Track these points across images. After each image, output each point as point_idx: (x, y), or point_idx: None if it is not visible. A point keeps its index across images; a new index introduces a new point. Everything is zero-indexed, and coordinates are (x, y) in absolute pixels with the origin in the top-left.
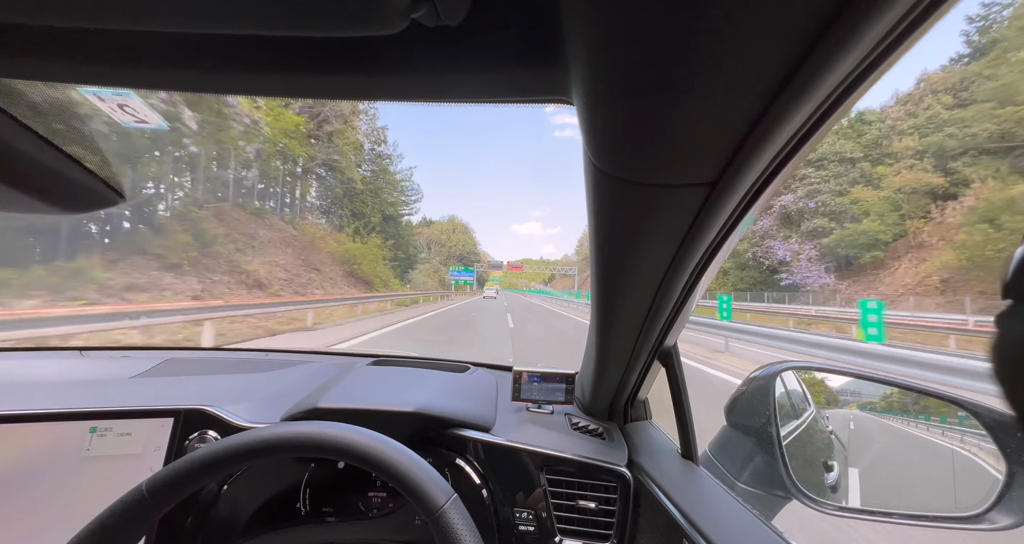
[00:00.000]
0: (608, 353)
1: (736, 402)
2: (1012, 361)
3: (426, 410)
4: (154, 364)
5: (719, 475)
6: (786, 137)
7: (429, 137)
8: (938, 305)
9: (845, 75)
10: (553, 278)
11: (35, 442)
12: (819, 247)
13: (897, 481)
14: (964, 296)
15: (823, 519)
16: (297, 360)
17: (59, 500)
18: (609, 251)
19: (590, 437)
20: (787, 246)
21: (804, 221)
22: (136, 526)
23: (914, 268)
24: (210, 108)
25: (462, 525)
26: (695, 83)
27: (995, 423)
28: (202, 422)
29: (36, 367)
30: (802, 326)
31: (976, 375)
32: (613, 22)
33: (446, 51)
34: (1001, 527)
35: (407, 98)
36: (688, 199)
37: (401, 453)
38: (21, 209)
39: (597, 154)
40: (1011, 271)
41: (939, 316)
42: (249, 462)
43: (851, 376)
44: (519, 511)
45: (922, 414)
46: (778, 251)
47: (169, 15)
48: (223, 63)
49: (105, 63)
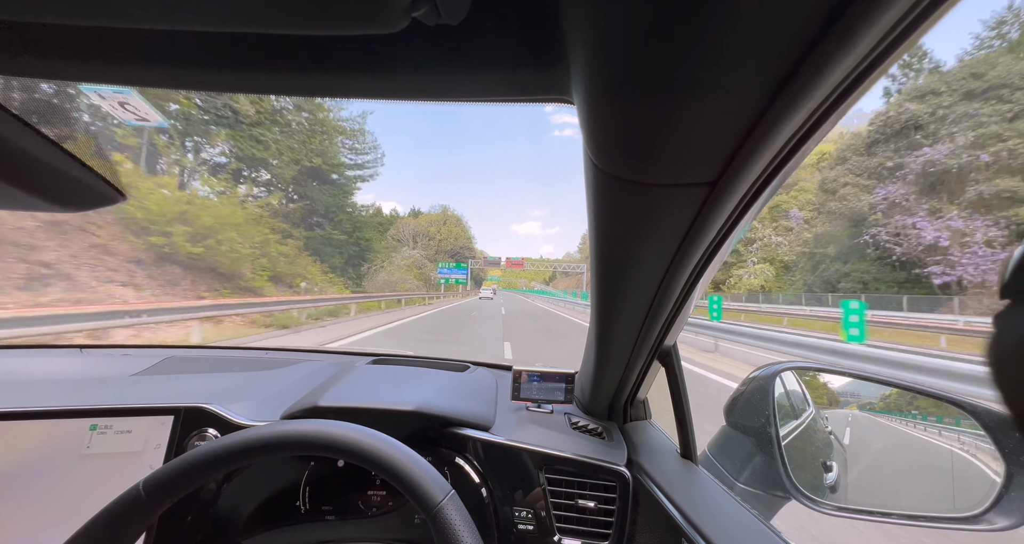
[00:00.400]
0: (608, 353)
1: (735, 402)
2: (1010, 361)
3: (426, 409)
4: (154, 362)
5: (718, 475)
6: (786, 137)
7: (425, 136)
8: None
9: (845, 75)
10: (554, 277)
11: (35, 439)
12: (1005, 223)
13: (896, 481)
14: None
15: (821, 520)
16: (297, 359)
17: (59, 497)
18: (609, 251)
19: (590, 436)
20: (941, 223)
21: (969, 184)
22: (133, 525)
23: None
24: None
25: (460, 521)
26: (695, 82)
27: (994, 424)
28: (202, 420)
29: (36, 365)
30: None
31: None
32: (613, 21)
33: (447, 50)
34: (1000, 528)
35: (408, 97)
36: (688, 199)
37: (398, 450)
38: (23, 207)
39: (597, 153)
40: (1010, 271)
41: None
42: (244, 461)
43: (850, 376)
44: (518, 510)
45: (921, 415)
46: (925, 232)
47: (170, 13)
48: (224, 61)
49: (105, 61)
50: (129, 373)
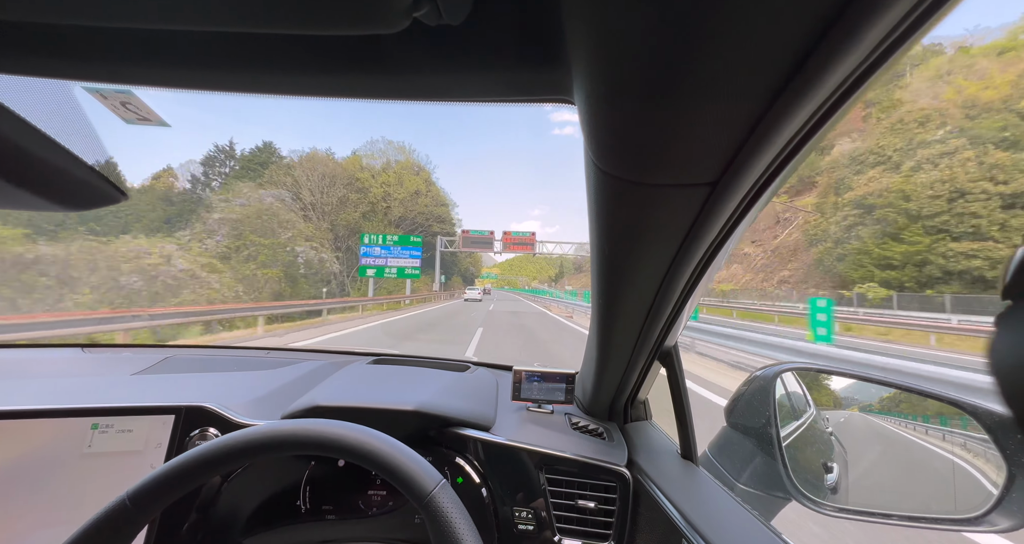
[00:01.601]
0: (608, 353)
1: (736, 403)
2: (1011, 362)
3: (426, 409)
4: (155, 362)
5: (719, 476)
6: (787, 137)
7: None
8: None
9: (845, 75)
10: (561, 275)
11: (37, 438)
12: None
13: (897, 482)
14: None
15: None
16: (297, 358)
17: (61, 496)
18: (610, 251)
19: (590, 437)
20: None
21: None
22: (120, 538)
23: None
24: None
25: (453, 509)
26: (696, 83)
27: (995, 425)
28: (203, 419)
29: (38, 364)
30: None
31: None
32: (614, 22)
33: (448, 50)
34: (1001, 529)
35: (408, 97)
36: (689, 199)
37: (386, 442)
38: (24, 206)
39: (598, 154)
40: (1011, 272)
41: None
42: (229, 467)
43: (851, 377)
44: (519, 510)
45: (922, 415)
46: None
47: (170, 13)
48: (225, 61)
49: (107, 61)
50: (130, 373)
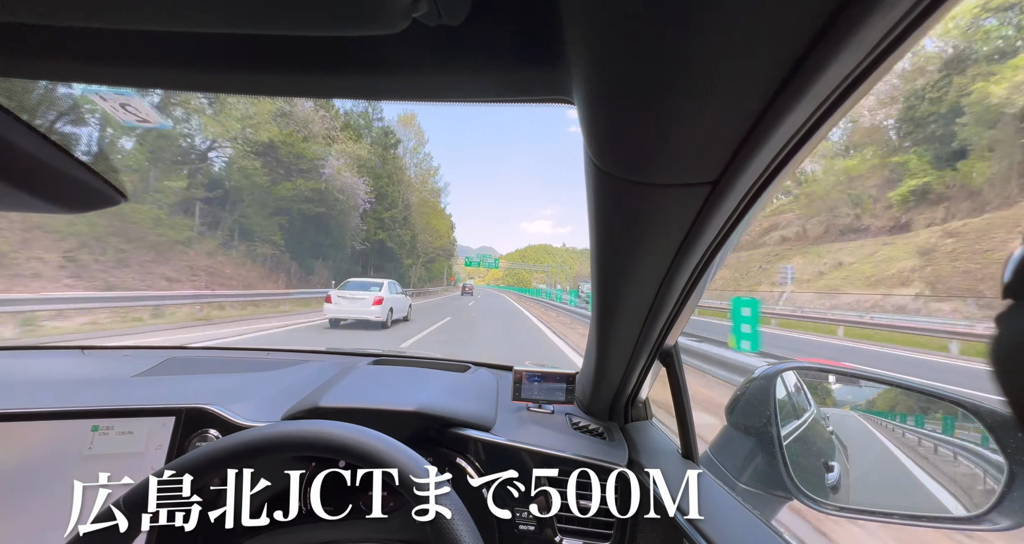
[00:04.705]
0: (609, 353)
1: (737, 402)
2: (1012, 361)
3: (427, 409)
4: (155, 363)
5: (720, 475)
6: (787, 136)
7: (433, 132)
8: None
9: (845, 75)
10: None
11: (37, 440)
12: None
13: (898, 481)
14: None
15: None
16: (298, 359)
17: (61, 498)
18: (610, 251)
19: (591, 437)
20: None
21: None
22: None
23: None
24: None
25: (453, 509)
26: (696, 82)
27: (996, 423)
28: (203, 421)
29: (38, 366)
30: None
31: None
32: (613, 22)
33: (447, 51)
34: (1002, 528)
35: (408, 98)
36: (689, 198)
37: (376, 438)
38: (24, 208)
39: (598, 153)
40: (1011, 271)
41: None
42: (218, 474)
43: (852, 376)
44: (519, 510)
45: (923, 414)
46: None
47: (170, 14)
48: (225, 62)
49: (107, 62)
50: (130, 374)
